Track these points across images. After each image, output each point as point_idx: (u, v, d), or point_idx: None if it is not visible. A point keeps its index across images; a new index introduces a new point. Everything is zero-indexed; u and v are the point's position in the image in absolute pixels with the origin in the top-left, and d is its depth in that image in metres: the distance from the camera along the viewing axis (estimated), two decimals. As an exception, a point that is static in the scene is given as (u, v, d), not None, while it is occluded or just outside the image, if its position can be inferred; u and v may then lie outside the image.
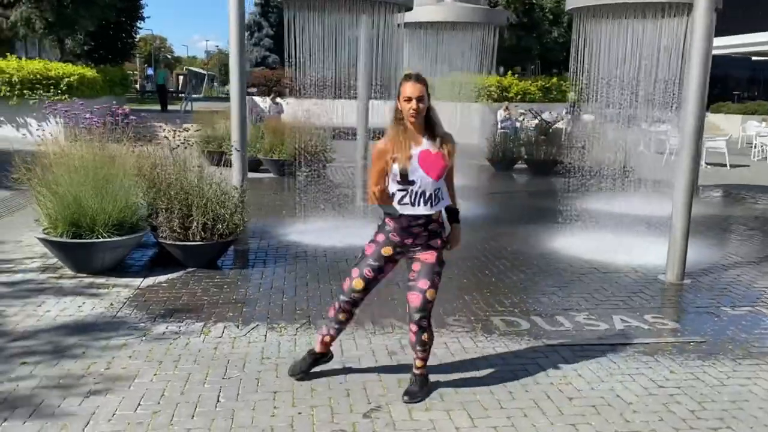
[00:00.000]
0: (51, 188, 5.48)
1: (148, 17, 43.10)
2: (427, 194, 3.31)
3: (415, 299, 3.40)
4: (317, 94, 8.90)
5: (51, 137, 5.90)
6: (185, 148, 6.26)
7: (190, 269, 5.83)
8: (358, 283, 3.45)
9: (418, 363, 3.55)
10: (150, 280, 5.52)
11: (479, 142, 15.14)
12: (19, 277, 5.51)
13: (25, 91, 15.76)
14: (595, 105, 9.50)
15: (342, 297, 3.52)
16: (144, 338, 4.29)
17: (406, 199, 3.33)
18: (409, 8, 7.27)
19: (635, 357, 4.15)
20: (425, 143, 3.32)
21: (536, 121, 16.30)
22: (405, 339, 4.36)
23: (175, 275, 5.67)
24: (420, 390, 3.53)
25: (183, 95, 26.87)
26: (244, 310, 4.88)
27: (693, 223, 5.96)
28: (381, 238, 3.46)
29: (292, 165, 10.36)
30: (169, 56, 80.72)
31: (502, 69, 24.14)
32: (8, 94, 15.64)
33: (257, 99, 20.73)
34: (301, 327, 4.54)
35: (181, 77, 49.45)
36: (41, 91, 15.87)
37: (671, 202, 5.88)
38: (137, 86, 44.16)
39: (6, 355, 4.00)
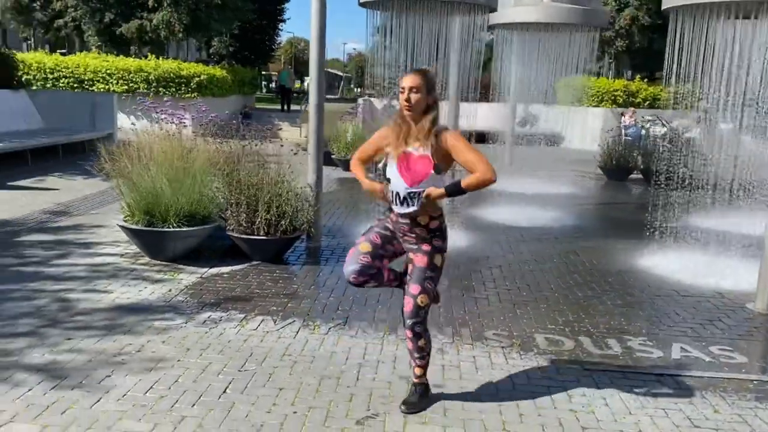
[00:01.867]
0: (131, 179, 5.88)
1: (288, 19, 45.25)
2: (401, 196, 3.20)
3: (407, 305, 3.27)
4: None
5: (138, 130, 6.34)
6: (256, 145, 6.47)
7: (255, 262, 6.03)
8: (364, 246, 3.30)
9: (417, 371, 3.43)
10: (214, 270, 5.77)
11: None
12: (100, 259, 5.97)
13: (160, 89, 17.10)
14: (728, 115, 8.67)
15: (352, 267, 3.27)
16: (184, 325, 4.48)
17: (390, 195, 3.27)
18: (493, 9, 7.04)
19: (679, 390, 3.74)
20: (413, 144, 3.19)
21: (664, 129, 15.23)
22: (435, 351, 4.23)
23: (239, 267, 5.88)
24: (419, 401, 3.41)
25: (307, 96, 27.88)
26: (288, 305, 4.96)
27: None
28: (385, 220, 3.44)
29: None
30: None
31: (629, 72, 22.81)
32: (146, 90, 17.04)
33: (375, 101, 21.01)
34: (335, 327, 4.54)
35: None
36: (173, 89, 17.17)
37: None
38: (273, 86, 46.42)
39: (61, 328, 4.34)
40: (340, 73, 53.16)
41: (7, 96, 13.00)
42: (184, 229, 5.80)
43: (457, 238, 7.36)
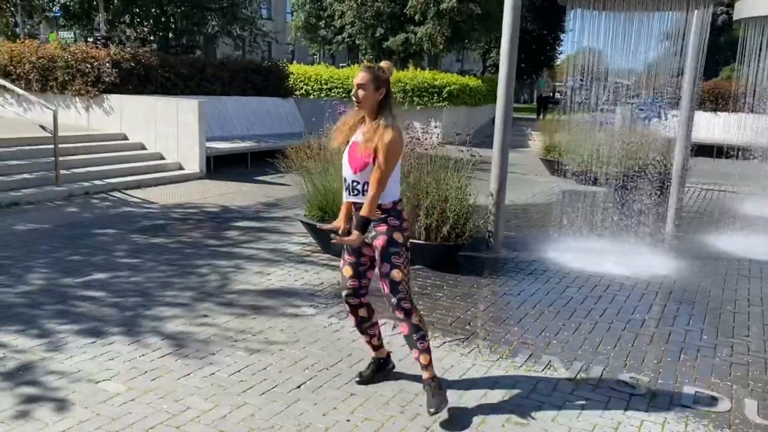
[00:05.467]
0: (308, 177, 6.27)
1: (571, 30, 44.03)
2: (347, 182, 3.32)
3: (384, 286, 3.28)
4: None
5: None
6: (434, 147, 6.40)
7: (417, 266, 5.95)
8: (346, 271, 3.46)
9: (423, 360, 3.32)
10: (374, 270, 5.83)
11: None
12: (281, 246, 6.47)
13: (414, 98, 17.91)
14: None
15: (344, 293, 3.51)
16: (311, 316, 4.62)
17: (343, 182, 3.38)
18: (720, 3, 5.91)
19: None
20: (360, 134, 3.27)
21: None
22: (523, 382, 3.73)
23: (399, 270, 5.86)
24: (441, 400, 3.25)
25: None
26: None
27: None
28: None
29: (623, 180, 9.43)
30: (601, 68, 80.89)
31: None
32: (401, 100, 17.97)
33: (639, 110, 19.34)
34: (452, 342, 4.27)
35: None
36: (426, 98, 17.86)
37: None
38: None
39: (210, 302, 4.81)
40: (626, 83, 49.92)
41: (278, 103, 14.85)
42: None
43: (665, 265, 6.40)
